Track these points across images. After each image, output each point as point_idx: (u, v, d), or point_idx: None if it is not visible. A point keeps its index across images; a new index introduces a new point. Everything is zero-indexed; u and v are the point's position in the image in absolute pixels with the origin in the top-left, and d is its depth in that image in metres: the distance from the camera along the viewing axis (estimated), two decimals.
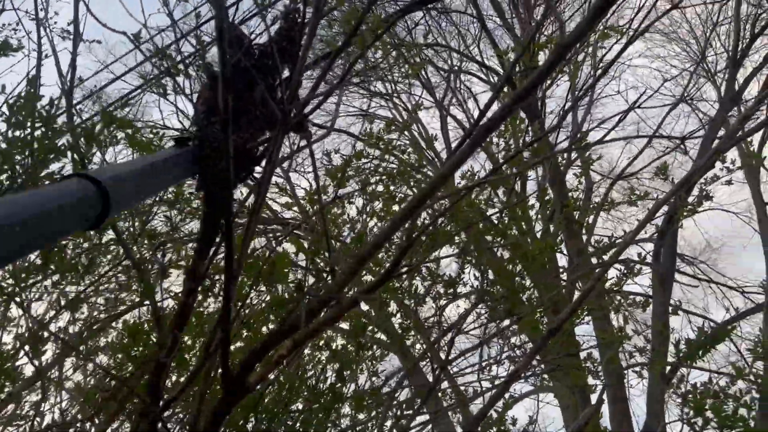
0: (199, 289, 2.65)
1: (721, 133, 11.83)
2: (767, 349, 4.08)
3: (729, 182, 5.67)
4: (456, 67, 14.51)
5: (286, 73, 2.63)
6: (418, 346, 5.78)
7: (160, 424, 2.17)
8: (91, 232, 3.44)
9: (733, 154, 13.05)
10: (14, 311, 3.49)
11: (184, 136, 2.35)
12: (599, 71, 10.73)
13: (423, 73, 13.17)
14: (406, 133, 12.25)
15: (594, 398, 7.31)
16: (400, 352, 6.15)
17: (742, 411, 3.82)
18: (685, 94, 14.33)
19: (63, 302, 3.48)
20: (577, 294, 5.94)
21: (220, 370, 2.11)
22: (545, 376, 5.26)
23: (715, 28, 14.35)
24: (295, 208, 5.99)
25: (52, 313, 3.74)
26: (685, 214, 5.69)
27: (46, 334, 3.59)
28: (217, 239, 2.57)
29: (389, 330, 5.87)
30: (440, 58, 14.69)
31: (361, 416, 3.77)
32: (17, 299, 3.21)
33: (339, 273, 2.19)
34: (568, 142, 11.58)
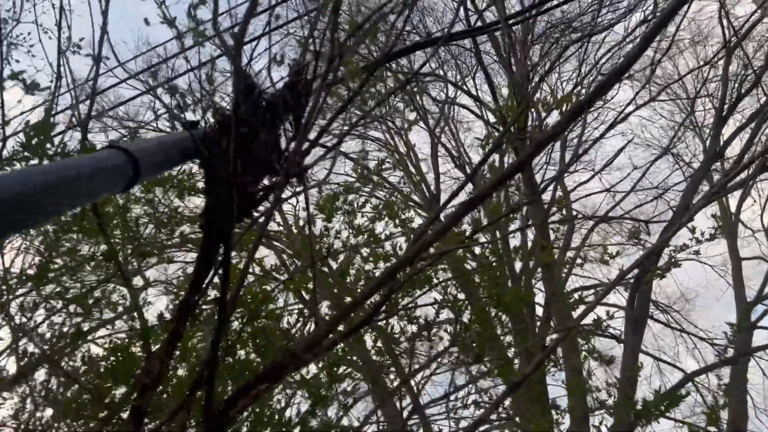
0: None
1: (703, 187, 12.20)
2: (718, 415, 4.27)
3: (697, 252, 5.90)
4: (450, 99, 14.83)
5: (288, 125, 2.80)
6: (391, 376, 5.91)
7: None
8: (84, 252, 3.57)
9: (713, 209, 13.41)
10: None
11: (193, 120, 2.57)
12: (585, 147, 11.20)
13: (417, 99, 13.43)
14: (397, 161, 12.47)
15: None
16: (371, 380, 6.28)
17: None
18: (669, 146, 14.76)
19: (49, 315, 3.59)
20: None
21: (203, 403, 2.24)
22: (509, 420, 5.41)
23: (705, 84, 14.82)
24: (284, 239, 6.14)
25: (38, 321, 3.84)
26: (654, 277, 5.91)
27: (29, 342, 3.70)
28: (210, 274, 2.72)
29: (364, 359, 6.01)
30: (435, 86, 15.02)
31: None
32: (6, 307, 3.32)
33: (321, 323, 2.35)
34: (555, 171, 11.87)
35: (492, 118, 13.98)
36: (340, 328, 3.33)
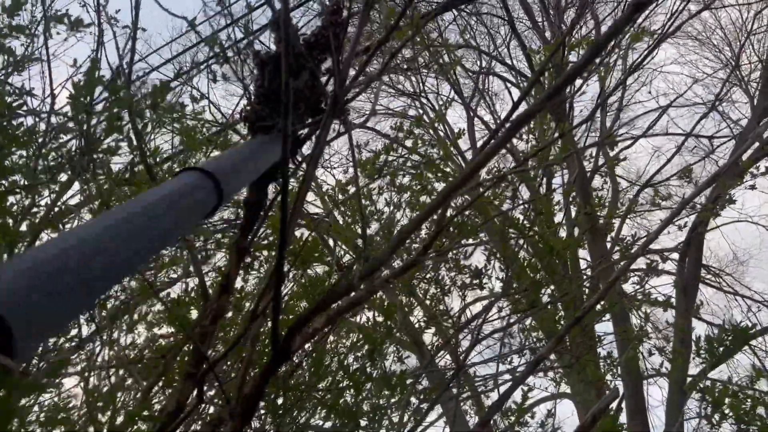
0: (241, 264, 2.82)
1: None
2: None
3: (753, 187, 5.67)
4: (485, 69, 14.59)
5: (328, 62, 2.79)
6: (435, 340, 5.87)
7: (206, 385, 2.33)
8: None
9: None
10: None
11: (267, 124, 2.47)
12: (630, 69, 10.81)
13: (452, 72, 13.24)
14: (431, 131, 12.36)
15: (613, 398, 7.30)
16: (417, 349, 6.25)
17: (760, 409, 3.87)
18: (716, 102, 14.19)
19: None
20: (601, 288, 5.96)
21: (265, 336, 2.25)
22: (562, 372, 5.34)
23: (749, 36, 14.21)
24: (320, 205, 6.14)
25: None
26: (711, 218, 5.70)
27: None
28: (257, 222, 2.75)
29: (409, 328, 5.97)
30: (469, 59, 14.78)
31: (382, 400, 3.90)
32: None
33: (374, 256, 2.33)
34: (597, 139, 11.62)
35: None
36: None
